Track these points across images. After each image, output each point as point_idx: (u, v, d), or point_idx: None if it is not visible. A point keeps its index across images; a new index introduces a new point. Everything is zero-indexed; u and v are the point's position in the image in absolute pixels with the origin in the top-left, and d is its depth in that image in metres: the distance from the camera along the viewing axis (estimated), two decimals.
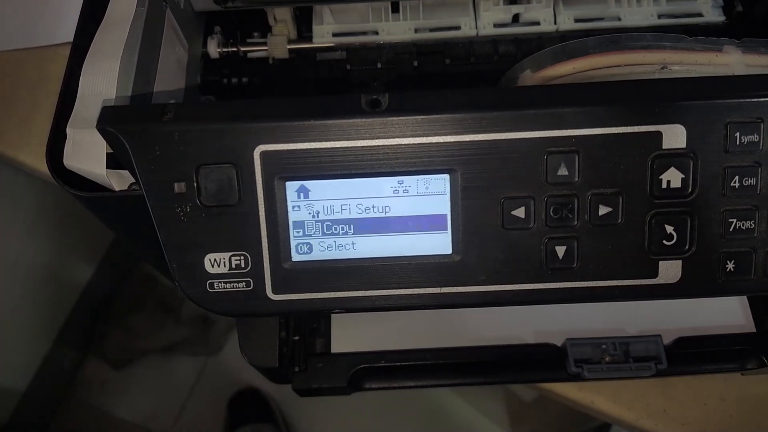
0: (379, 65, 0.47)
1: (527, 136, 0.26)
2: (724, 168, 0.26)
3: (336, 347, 0.43)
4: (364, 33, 0.47)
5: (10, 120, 0.59)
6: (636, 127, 0.26)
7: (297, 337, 0.43)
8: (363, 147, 0.26)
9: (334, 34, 0.47)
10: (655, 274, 0.27)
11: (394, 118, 0.26)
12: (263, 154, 0.26)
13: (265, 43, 0.47)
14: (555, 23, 0.46)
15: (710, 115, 0.26)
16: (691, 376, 0.44)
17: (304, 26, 0.47)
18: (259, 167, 0.26)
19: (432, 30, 0.47)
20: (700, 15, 0.46)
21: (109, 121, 0.26)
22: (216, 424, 1.09)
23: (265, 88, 0.46)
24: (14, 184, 0.92)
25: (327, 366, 0.40)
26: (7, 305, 0.97)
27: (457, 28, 0.47)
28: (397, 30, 0.47)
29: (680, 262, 0.27)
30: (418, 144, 0.26)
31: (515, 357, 0.42)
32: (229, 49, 0.47)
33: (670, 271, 0.27)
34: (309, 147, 0.26)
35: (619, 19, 0.47)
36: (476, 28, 0.46)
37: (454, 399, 1.05)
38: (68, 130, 0.30)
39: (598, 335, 0.43)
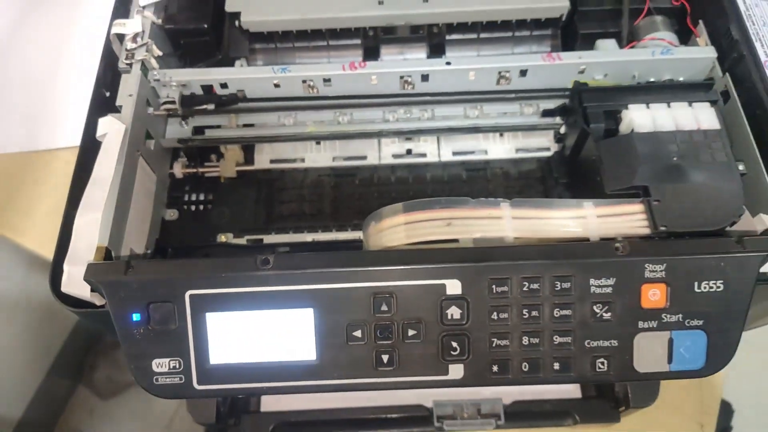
0: (304, 184, 0.61)
1: (361, 286, 0.40)
2: (488, 307, 0.41)
3: (266, 405, 0.57)
4: (293, 160, 0.62)
5: (16, 212, 0.72)
6: (429, 281, 0.40)
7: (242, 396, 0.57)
8: (257, 291, 0.41)
9: (271, 161, 0.62)
10: (446, 373, 0.41)
11: (278, 273, 0.41)
12: (191, 296, 0.41)
13: (218, 166, 0.61)
14: (438, 155, 0.61)
15: (477, 273, 0.40)
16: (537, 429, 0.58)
17: (248, 152, 0.62)
18: (189, 304, 0.41)
19: (346, 159, 0.61)
20: (548, 149, 0.61)
21: (92, 274, 0.41)
22: None
23: (217, 201, 0.60)
24: None
25: (254, 422, 0.54)
26: (6, 341, 1.08)
27: (365, 158, 0.61)
28: (319, 158, 0.61)
29: (462, 365, 0.41)
30: (293, 289, 0.41)
31: (396, 413, 0.55)
32: (190, 171, 0.61)
33: (456, 370, 0.41)
34: (223, 291, 0.41)
35: (486, 153, 0.61)
36: (379, 158, 0.61)
37: None
38: (65, 266, 0.44)
39: (463, 396, 0.57)
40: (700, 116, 0.47)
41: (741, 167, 0.50)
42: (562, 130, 0.56)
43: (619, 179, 0.45)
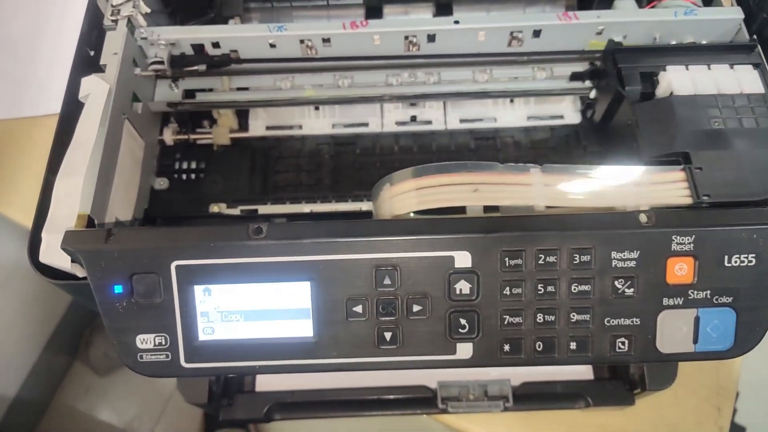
0: (301, 153, 0.58)
1: (362, 257, 0.37)
2: (500, 281, 0.37)
3: (262, 384, 0.54)
4: (290, 127, 0.58)
5: (0, 181, 0.69)
6: (436, 252, 0.37)
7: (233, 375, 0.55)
8: (250, 262, 0.37)
9: (267, 128, 0.58)
10: (454, 352, 0.38)
11: (272, 242, 0.37)
12: (178, 266, 0.37)
13: (211, 133, 0.58)
14: (444, 123, 0.58)
15: (488, 245, 0.37)
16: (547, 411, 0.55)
17: (243, 119, 0.58)
18: (175, 276, 0.37)
19: (346, 126, 0.58)
20: (561, 117, 0.58)
21: (70, 242, 0.37)
22: (193, 428, 1.18)
23: (210, 170, 0.57)
24: None
25: (249, 402, 0.51)
26: (1, 317, 1.06)
27: (366, 125, 0.58)
28: (317, 125, 0.58)
29: (471, 344, 0.38)
30: (289, 260, 0.38)
31: (398, 394, 0.53)
32: (181, 137, 0.58)
33: (464, 350, 0.38)
34: (212, 262, 0.37)
35: (496, 120, 0.58)
36: (382, 125, 0.58)
37: None
38: (43, 235, 0.41)
39: (469, 377, 0.54)
40: (743, 79, 0.44)
41: None
42: (592, 94, 0.53)
43: (658, 145, 0.42)
